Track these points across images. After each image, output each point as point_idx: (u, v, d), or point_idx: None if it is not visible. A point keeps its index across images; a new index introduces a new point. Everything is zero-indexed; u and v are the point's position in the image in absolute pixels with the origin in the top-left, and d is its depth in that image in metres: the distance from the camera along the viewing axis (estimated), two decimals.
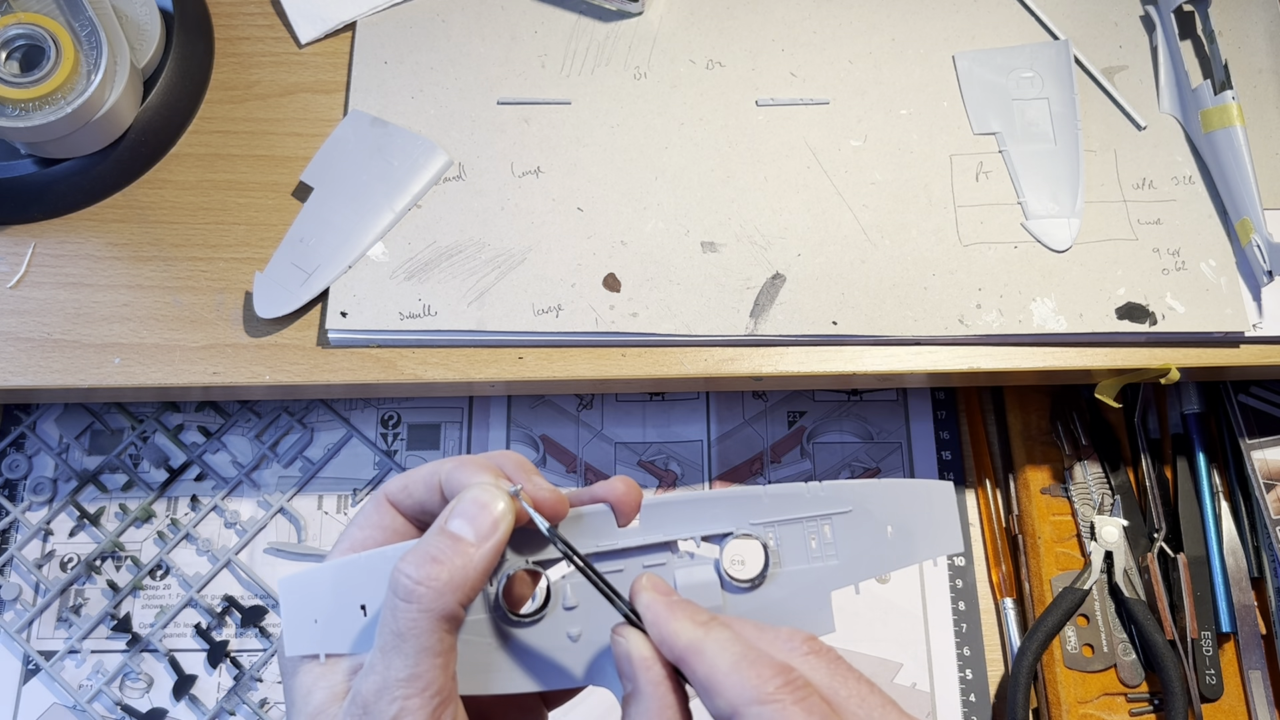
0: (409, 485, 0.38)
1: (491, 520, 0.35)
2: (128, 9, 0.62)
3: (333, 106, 0.64)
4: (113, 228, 0.61)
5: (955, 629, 0.64)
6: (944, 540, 0.40)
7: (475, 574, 0.34)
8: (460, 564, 0.34)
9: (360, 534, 0.38)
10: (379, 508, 0.38)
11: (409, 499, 0.38)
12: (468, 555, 0.34)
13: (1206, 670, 0.61)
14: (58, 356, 0.58)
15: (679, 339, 0.58)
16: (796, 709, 0.31)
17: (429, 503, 0.38)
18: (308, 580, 0.36)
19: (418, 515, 0.38)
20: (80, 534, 0.66)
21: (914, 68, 0.64)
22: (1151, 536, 0.64)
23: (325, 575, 0.36)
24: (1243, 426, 0.65)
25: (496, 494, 0.35)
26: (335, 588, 0.36)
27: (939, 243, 0.60)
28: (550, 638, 0.37)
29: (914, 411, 0.69)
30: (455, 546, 0.34)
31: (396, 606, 0.34)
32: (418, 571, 0.34)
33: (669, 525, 0.38)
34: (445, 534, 0.35)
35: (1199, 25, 0.64)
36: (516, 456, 0.38)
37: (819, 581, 0.39)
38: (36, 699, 0.62)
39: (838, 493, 0.39)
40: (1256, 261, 0.58)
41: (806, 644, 0.34)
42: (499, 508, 0.35)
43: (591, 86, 0.63)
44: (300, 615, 0.36)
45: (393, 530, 0.38)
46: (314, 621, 0.36)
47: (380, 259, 0.59)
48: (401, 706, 0.33)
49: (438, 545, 0.34)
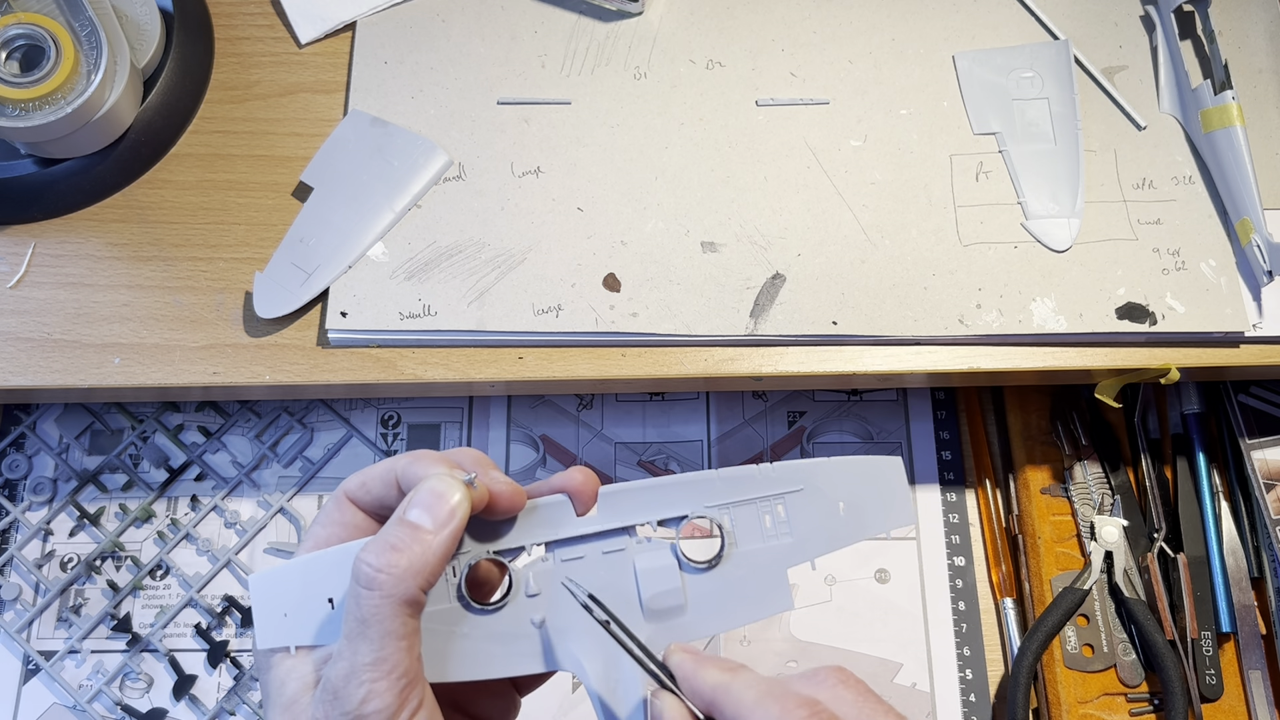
0: (366, 482, 0.39)
1: (448, 508, 0.36)
2: (128, 9, 0.62)
3: (333, 106, 0.64)
4: (113, 228, 0.61)
5: (955, 629, 0.64)
6: (895, 514, 0.41)
7: (434, 559, 0.36)
8: (419, 550, 0.35)
9: (323, 532, 0.39)
10: (339, 505, 0.39)
11: (367, 495, 0.39)
12: (426, 542, 0.35)
13: (1206, 670, 0.61)
14: (58, 356, 0.58)
15: (679, 339, 0.58)
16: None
17: (387, 498, 0.39)
18: (276, 577, 0.38)
19: (377, 510, 0.39)
20: (80, 534, 0.66)
21: (914, 68, 0.64)
22: (1151, 536, 0.64)
23: (293, 571, 0.38)
24: (1243, 426, 0.65)
25: (452, 483, 0.36)
26: (303, 583, 0.37)
27: (939, 243, 0.60)
28: (514, 624, 0.38)
29: (914, 411, 0.69)
30: (414, 534, 0.36)
31: (359, 594, 0.35)
32: (378, 560, 0.35)
33: (626, 512, 0.40)
34: (404, 523, 0.36)
35: (1199, 25, 0.64)
36: (474, 453, 0.40)
37: (774, 560, 0.40)
38: (36, 699, 0.62)
39: (789, 472, 0.40)
40: (1256, 261, 0.58)
41: (834, 675, 0.35)
42: (455, 496, 0.36)
43: (591, 86, 0.63)
44: (270, 610, 0.37)
45: (354, 526, 0.39)
46: (283, 615, 0.37)
47: (380, 259, 0.59)
48: (369, 689, 0.34)
49: (397, 534, 0.36)
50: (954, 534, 0.66)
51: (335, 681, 0.34)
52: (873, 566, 0.65)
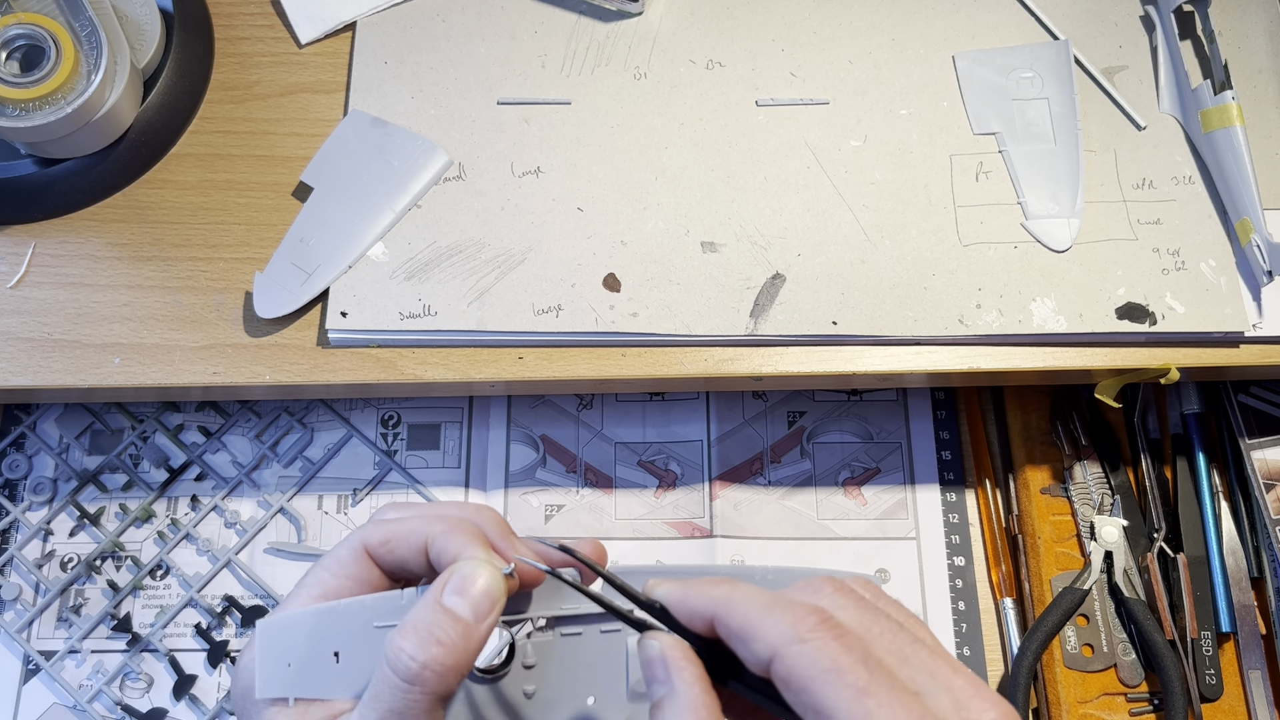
0: (391, 542, 0.38)
1: (490, 602, 0.35)
2: (128, 9, 0.62)
3: (333, 106, 0.64)
4: (113, 228, 0.61)
5: (955, 629, 0.64)
6: None
7: (473, 654, 0.34)
8: (462, 646, 0.34)
9: (334, 583, 0.38)
10: (356, 558, 0.38)
11: (390, 555, 0.38)
12: (469, 637, 0.34)
13: (1206, 670, 0.61)
14: (58, 356, 0.58)
15: (679, 339, 0.58)
16: (836, 644, 0.31)
17: (412, 563, 0.38)
18: (285, 624, 0.37)
19: (397, 572, 0.38)
20: (80, 534, 0.66)
21: (914, 68, 0.64)
22: (1151, 536, 0.64)
23: (303, 621, 0.37)
24: (1242, 426, 0.65)
25: (495, 574, 0.35)
26: (311, 634, 0.37)
27: (939, 243, 0.60)
28: (508, 695, 0.38)
29: (914, 411, 0.69)
30: (457, 627, 0.34)
31: (398, 687, 0.33)
32: (422, 654, 0.33)
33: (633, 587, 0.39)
34: (447, 613, 0.34)
35: (1199, 25, 0.64)
36: (494, 516, 0.39)
37: None
38: (37, 699, 0.62)
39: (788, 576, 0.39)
40: (1256, 261, 0.58)
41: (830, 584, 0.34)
42: (497, 589, 0.35)
43: (591, 86, 0.63)
44: (275, 658, 0.36)
45: (368, 583, 0.38)
46: (287, 665, 0.36)
47: (380, 259, 0.59)
48: None
49: (440, 626, 0.34)
50: (954, 534, 0.66)
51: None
52: (873, 566, 0.65)
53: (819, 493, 0.67)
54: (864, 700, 0.30)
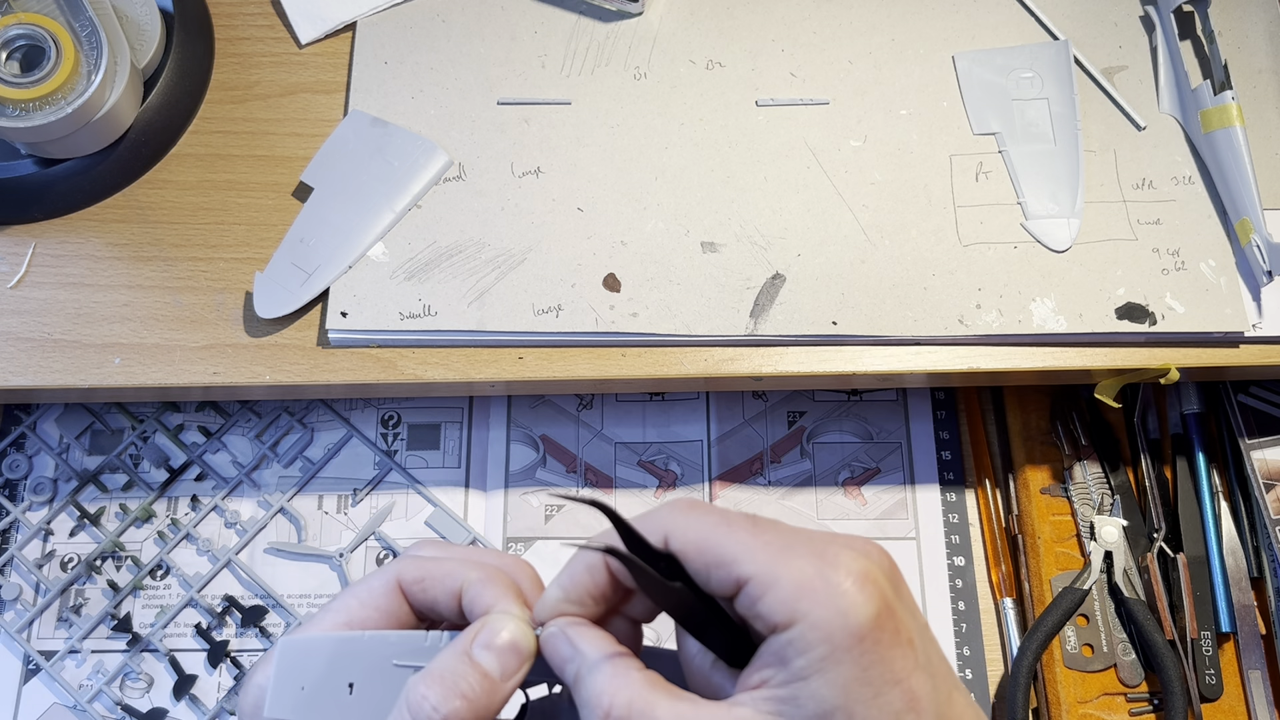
0: (426, 581, 0.37)
1: (519, 661, 0.34)
2: (128, 9, 0.62)
3: (333, 107, 0.64)
4: (113, 228, 0.61)
5: (955, 629, 0.64)
6: None
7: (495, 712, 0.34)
8: (485, 703, 0.33)
9: (362, 612, 0.37)
10: (389, 593, 0.37)
11: (423, 595, 0.37)
12: (493, 694, 0.34)
13: (1206, 670, 0.61)
14: (58, 356, 0.58)
15: (679, 339, 0.58)
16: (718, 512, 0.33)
17: (443, 606, 0.37)
18: (306, 647, 0.37)
19: (426, 611, 0.38)
20: (80, 534, 0.66)
21: (914, 68, 0.64)
22: (1151, 536, 0.64)
23: (324, 646, 0.36)
24: (1242, 426, 0.65)
25: (526, 632, 0.35)
26: (330, 661, 0.36)
27: (939, 243, 0.60)
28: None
29: (914, 411, 0.69)
30: (484, 683, 0.33)
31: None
32: (445, 705, 0.33)
33: None
34: (475, 666, 0.34)
35: (1199, 25, 0.64)
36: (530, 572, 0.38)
37: None
38: (37, 699, 0.62)
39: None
40: (1256, 261, 0.58)
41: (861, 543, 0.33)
42: (528, 648, 0.35)
43: (591, 86, 0.63)
44: (290, 679, 0.36)
45: (395, 618, 0.37)
46: (300, 689, 0.36)
47: (380, 259, 0.59)
48: None
49: (466, 679, 0.33)
50: (954, 534, 0.66)
51: None
52: None
53: (819, 493, 0.67)
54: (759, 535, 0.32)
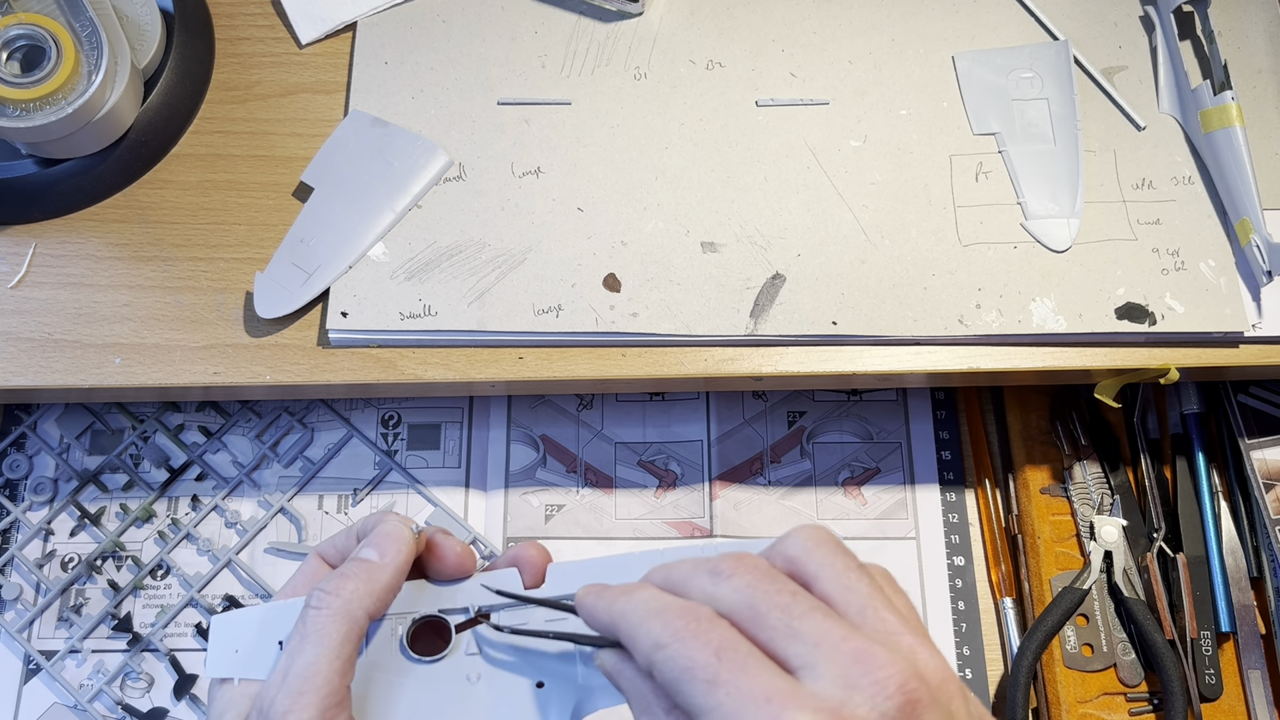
0: (334, 539, 0.43)
1: (395, 544, 0.40)
2: (128, 9, 0.62)
3: (333, 107, 0.64)
4: (113, 228, 0.61)
5: (955, 628, 0.64)
6: None
7: (380, 588, 0.39)
8: (365, 578, 0.39)
9: (294, 588, 0.42)
10: (310, 562, 0.43)
11: (334, 550, 0.43)
12: (372, 571, 0.39)
13: (1206, 670, 0.61)
14: (58, 356, 0.58)
15: (679, 339, 0.58)
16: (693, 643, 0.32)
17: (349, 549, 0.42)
18: (235, 619, 0.41)
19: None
20: (81, 534, 0.66)
21: (914, 68, 0.64)
22: (1151, 536, 0.64)
23: (253, 615, 0.41)
24: (1242, 426, 0.65)
25: (399, 525, 0.41)
26: (259, 626, 0.41)
27: (939, 243, 0.60)
28: (451, 679, 0.41)
29: (914, 411, 0.69)
30: (361, 565, 0.39)
31: (305, 614, 0.38)
32: (328, 585, 0.38)
33: (572, 585, 0.41)
34: (355, 559, 0.40)
35: (1198, 25, 0.64)
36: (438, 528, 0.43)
37: None
38: (37, 698, 0.62)
39: (737, 546, 0.40)
40: (1256, 261, 0.58)
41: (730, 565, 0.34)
42: (403, 534, 0.40)
43: (591, 87, 0.63)
44: (224, 645, 0.41)
45: None
46: (234, 651, 0.41)
47: (381, 259, 0.59)
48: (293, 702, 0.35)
49: (347, 566, 0.40)
50: (953, 534, 0.66)
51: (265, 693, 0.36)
52: None
53: (819, 493, 0.67)
54: (714, 692, 0.31)
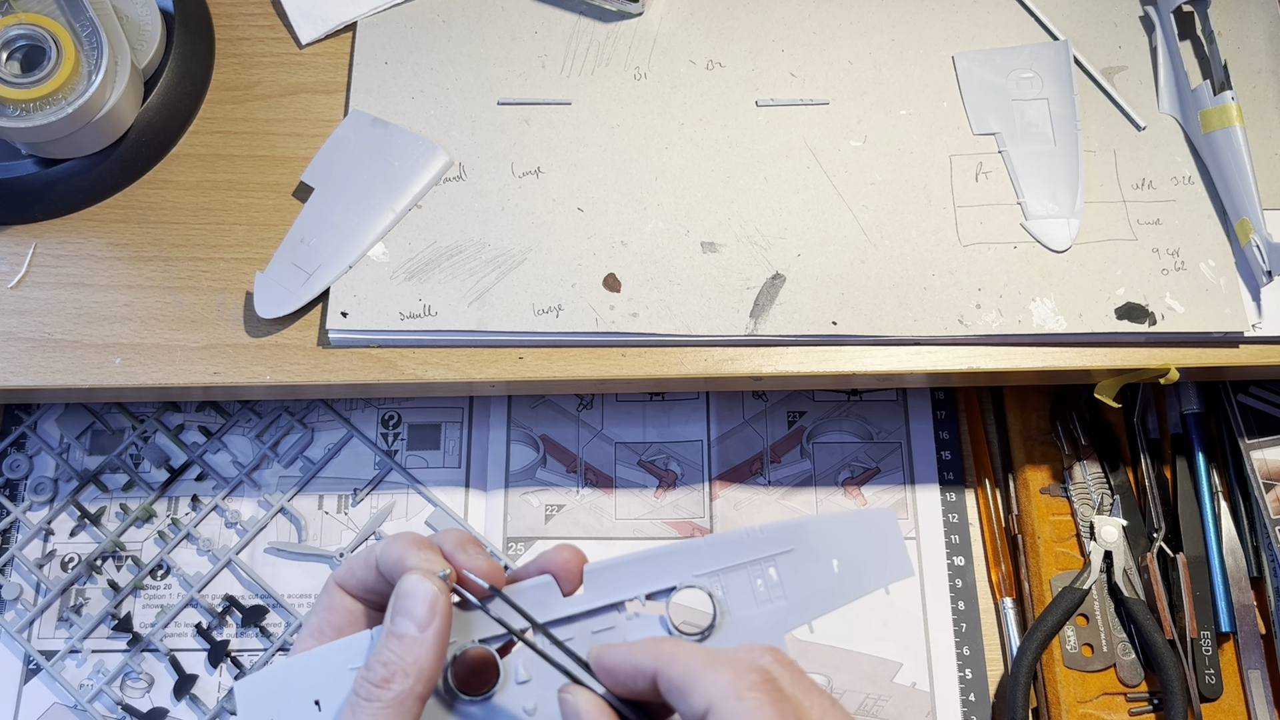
0: (351, 566, 0.40)
1: (428, 607, 0.37)
2: (128, 9, 0.62)
3: (333, 107, 0.64)
4: (113, 228, 0.61)
5: (955, 628, 0.64)
6: (894, 568, 0.40)
7: (427, 663, 0.36)
8: (411, 658, 0.36)
9: (316, 619, 0.40)
10: (329, 592, 0.41)
11: (353, 579, 0.40)
12: (415, 648, 0.36)
13: (1206, 670, 0.61)
14: (59, 356, 0.58)
15: (679, 339, 0.58)
16: (773, 707, 0.32)
17: (369, 580, 0.39)
18: (261, 681, 0.38)
19: (363, 594, 0.40)
20: (81, 534, 0.66)
21: (914, 68, 0.64)
22: (1151, 536, 0.64)
23: (278, 676, 0.38)
24: (1242, 426, 0.65)
25: (427, 581, 0.37)
26: (287, 685, 0.37)
27: (939, 243, 0.60)
28: (505, 715, 0.38)
29: (914, 411, 0.69)
30: (402, 643, 0.36)
31: (357, 705, 0.36)
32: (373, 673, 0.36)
33: (613, 587, 0.39)
34: (391, 635, 0.37)
35: (1198, 25, 0.64)
36: (458, 533, 0.40)
37: (770, 625, 0.39)
38: (37, 698, 0.62)
39: (779, 533, 0.39)
40: (1256, 261, 0.58)
41: (771, 653, 0.35)
42: (432, 593, 0.37)
43: (591, 87, 0.63)
44: (255, 712, 0.37)
45: (344, 610, 0.40)
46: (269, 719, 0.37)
47: (381, 259, 0.59)
48: None
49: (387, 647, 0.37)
50: (953, 534, 0.66)
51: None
52: None
53: (819, 493, 0.67)
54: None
